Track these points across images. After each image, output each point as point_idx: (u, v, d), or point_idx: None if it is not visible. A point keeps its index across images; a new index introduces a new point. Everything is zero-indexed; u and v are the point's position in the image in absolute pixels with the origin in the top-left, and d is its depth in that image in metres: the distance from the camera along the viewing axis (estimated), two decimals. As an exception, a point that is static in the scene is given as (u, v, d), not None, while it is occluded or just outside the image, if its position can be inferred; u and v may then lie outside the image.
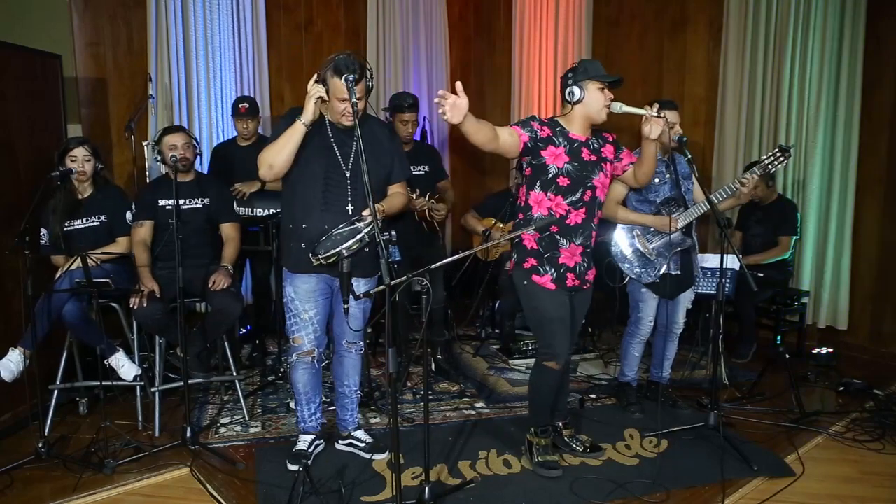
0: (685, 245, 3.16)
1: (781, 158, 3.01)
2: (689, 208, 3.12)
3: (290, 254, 2.65)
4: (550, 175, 2.55)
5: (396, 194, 2.76)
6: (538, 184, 2.58)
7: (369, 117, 2.74)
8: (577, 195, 2.58)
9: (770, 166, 3.02)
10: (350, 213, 2.58)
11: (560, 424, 2.91)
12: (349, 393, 2.91)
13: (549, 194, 2.57)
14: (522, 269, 2.64)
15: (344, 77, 2.42)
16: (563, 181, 2.55)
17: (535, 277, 2.62)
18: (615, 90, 2.60)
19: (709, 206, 3.03)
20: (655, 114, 2.59)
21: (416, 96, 3.82)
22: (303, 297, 2.64)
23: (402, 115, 3.67)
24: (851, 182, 4.27)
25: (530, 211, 2.62)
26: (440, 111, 2.18)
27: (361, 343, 2.87)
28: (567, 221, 2.59)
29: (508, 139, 2.49)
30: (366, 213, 2.51)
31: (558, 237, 2.60)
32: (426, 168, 3.77)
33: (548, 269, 2.61)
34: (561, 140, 2.57)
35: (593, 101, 2.55)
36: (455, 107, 2.19)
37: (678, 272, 3.17)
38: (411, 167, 3.66)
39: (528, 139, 2.53)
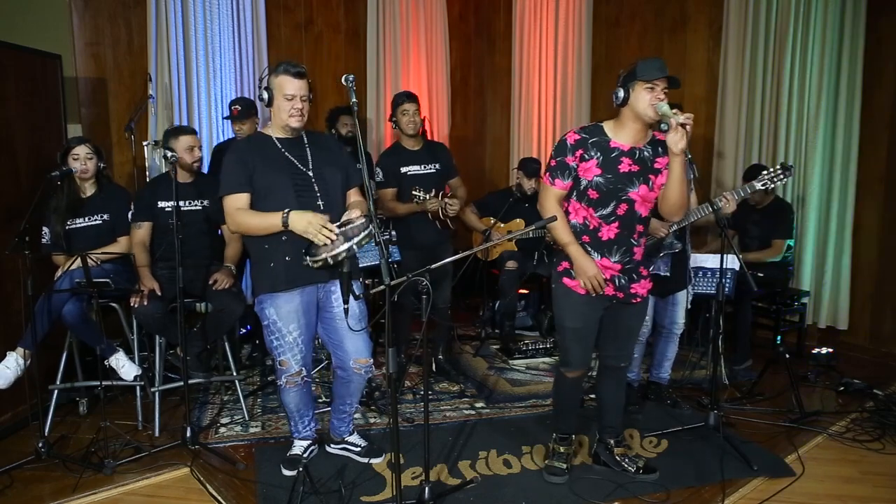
0: (674, 248, 3.16)
1: (782, 176, 3.10)
2: None
3: (270, 274, 2.55)
4: (582, 187, 2.46)
5: (361, 201, 2.73)
6: (574, 193, 2.51)
7: (312, 130, 2.76)
8: (609, 209, 2.45)
9: (769, 182, 3.11)
10: (322, 208, 2.54)
11: (611, 442, 2.76)
12: (349, 410, 2.87)
13: (583, 204, 2.50)
14: (557, 272, 2.57)
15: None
16: (593, 194, 2.44)
17: (566, 280, 2.52)
18: (675, 90, 2.43)
19: (698, 217, 3.14)
20: (682, 119, 2.28)
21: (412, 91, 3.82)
22: (285, 317, 2.56)
23: (402, 106, 3.65)
24: (851, 182, 4.27)
25: (569, 217, 2.54)
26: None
27: (371, 362, 2.74)
28: (599, 235, 2.48)
29: (564, 193, 2.51)
30: (354, 215, 2.48)
31: (590, 249, 2.50)
32: (436, 166, 3.74)
33: None
34: (594, 152, 2.43)
35: (638, 100, 2.37)
36: None
37: (668, 273, 3.17)
38: (420, 167, 3.70)
39: (573, 179, 2.47)
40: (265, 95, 2.54)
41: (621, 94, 2.40)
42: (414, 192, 3.58)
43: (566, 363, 2.61)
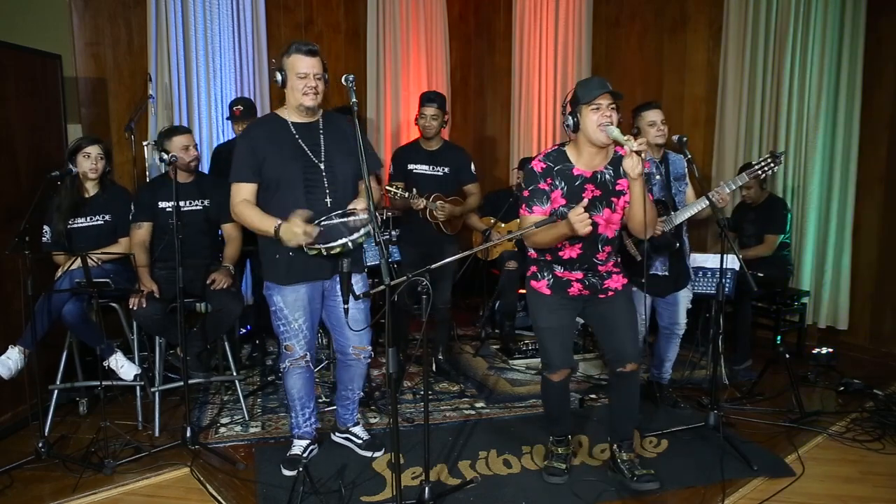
0: (672, 247, 3.14)
1: (772, 164, 3.06)
2: (677, 211, 3.12)
3: (277, 265, 2.57)
4: (551, 212, 2.50)
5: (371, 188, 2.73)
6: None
7: (331, 112, 2.73)
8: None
9: (761, 172, 3.07)
10: (329, 205, 2.55)
11: (616, 447, 2.70)
12: (352, 396, 2.92)
13: None
14: (527, 277, 2.64)
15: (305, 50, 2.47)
16: (558, 222, 2.45)
17: (533, 283, 2.61)
18: (621, 103, 2.40)
19: (695, 212, 3.08)
20: (636, 147, 2.25)
21: (441, 94, 3.78)
22: (291, 306, 2.60)
23: (421, 108, 3.68)
24: (851, 182, 4.27)
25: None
26: None
27: (370, 349, 2.81)
28: (560, 254, 2.52)
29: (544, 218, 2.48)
30: (359, 206, 2.48)
31: (553, 264, 2.56)
32: (445, 170, 3.74)
33: (546, 274, 2.57)
34: (559, 182, 2.46)
35: (587, 124, 2.37)
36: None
37: (666, 273, 3.16)
38: (428, 167, 3.72)
39: (550, 205, 2.48)
40: (279, 77, 2.52)
41: (571, 121, 2.41)
42: (387, 188, 3.64)
43: (547, 365, 2.63)
